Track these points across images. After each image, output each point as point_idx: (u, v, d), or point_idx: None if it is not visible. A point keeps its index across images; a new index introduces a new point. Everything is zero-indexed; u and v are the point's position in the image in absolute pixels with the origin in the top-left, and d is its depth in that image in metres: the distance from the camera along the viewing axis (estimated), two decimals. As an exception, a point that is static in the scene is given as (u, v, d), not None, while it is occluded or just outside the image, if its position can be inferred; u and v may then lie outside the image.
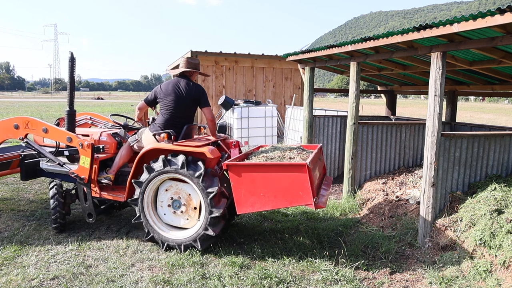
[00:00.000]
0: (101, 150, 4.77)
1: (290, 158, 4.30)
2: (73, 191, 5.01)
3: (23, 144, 4.91)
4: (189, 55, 13.19)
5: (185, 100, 4.60)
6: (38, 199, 6.26)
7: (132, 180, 4.42)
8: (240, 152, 4.87)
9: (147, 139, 4.67)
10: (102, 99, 59.01)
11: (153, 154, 4.46)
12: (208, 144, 4.41)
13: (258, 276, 3.76)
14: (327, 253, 4.23)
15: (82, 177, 4.59)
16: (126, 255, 4.24)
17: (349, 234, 4.97)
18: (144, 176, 4.36)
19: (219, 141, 4.97)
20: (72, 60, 4.63)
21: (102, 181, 4.70)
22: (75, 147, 4.64)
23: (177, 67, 7.52)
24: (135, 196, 4.41)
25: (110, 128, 5.34)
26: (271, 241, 4.65)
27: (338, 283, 3.69)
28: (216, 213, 4.11)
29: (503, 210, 4.03)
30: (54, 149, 4.87)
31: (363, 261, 4.05)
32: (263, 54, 13.70)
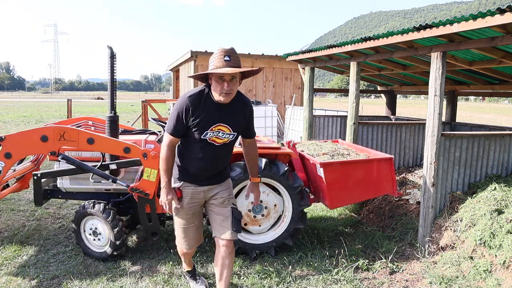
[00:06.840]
0: None
1: (355, 153, 4.82)
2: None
3: (59, 159, 3.92)
4: (189, 55, 13.17)
5: None
6: (38, 199, 6.25)
7: None
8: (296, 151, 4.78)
9: None
10: (102, 99, 58.90)
11: None
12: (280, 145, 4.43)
13: (258, 276, 3.76)
14: (327, 253, 4.23)
15: (147, 192, 4.00)
16: (126, 255, 4.24)
17: (349, 234, 4.97)
18: None
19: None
20: (112, 56, 3.97)
21: None
22: (131, 158, 3.99)
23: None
24: None
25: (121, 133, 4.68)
26: (271, 241, 4.65)
27: (338, 283, 3.69)
28: (304, 206, 4.23)
29: (503, 210, 4.03)
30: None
31: (363, 261, 4.05)
32: (263, 54, 13.70)
